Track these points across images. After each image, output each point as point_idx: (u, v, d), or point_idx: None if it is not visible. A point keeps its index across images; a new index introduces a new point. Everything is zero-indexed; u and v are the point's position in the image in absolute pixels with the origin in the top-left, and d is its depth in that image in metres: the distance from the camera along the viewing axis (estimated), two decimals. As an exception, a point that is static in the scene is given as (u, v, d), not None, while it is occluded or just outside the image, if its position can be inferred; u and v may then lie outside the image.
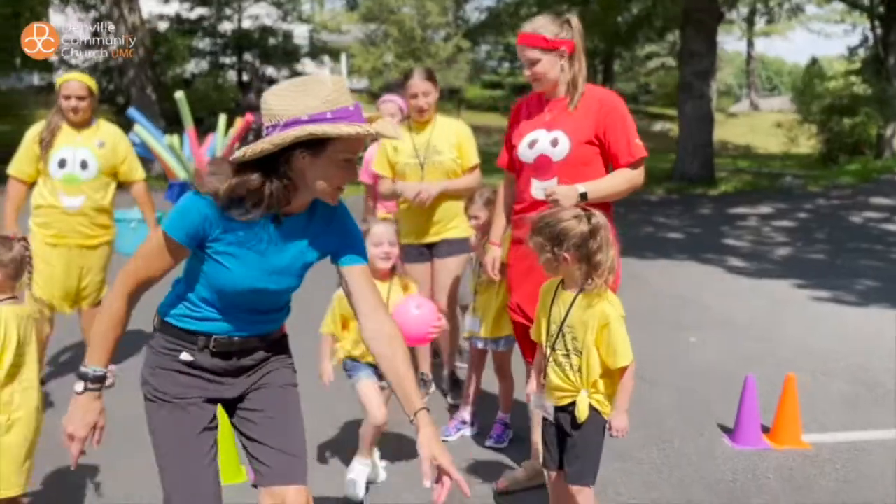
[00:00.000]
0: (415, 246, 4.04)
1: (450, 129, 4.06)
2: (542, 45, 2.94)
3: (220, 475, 2.06)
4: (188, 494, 1.98)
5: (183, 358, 2.02)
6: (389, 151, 4.05)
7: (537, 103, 3.10)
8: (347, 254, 2.06)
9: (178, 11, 27.59)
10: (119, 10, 16.92)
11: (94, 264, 4.34)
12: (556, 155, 2.95)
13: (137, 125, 8.63)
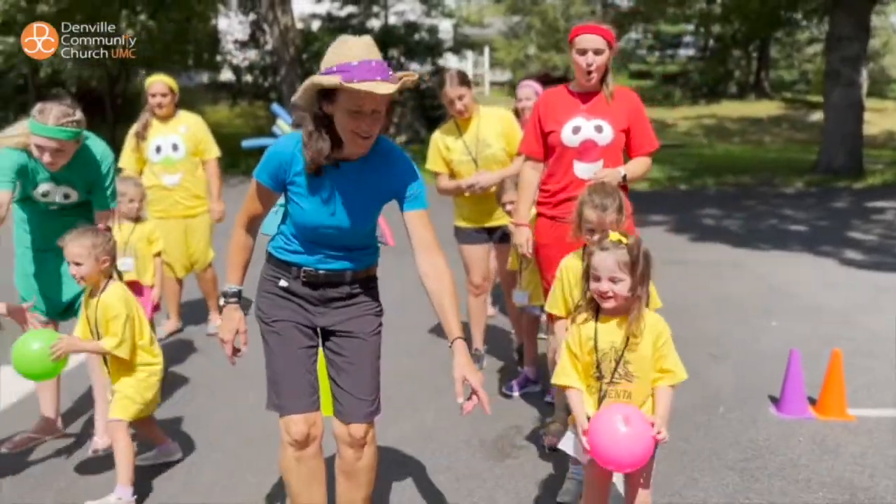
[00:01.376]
0: (474, 229, 4.51)
1: (495, 120, 4.45)
2: (609, 38, 3.36)
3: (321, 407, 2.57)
4: (280, 394, 2.48)
5: (281, 284, 2.48)
6: (442, 150, 4.48)
7: (566, 95, 3.49)
8: (405, 200, 2.40)
9: (329, 10, 29.29)
10: (273, 13, 18.41)
11: (196, 232, 5.25)
12: (601, 140, 3.38)
13: (279, 119, 9.64)
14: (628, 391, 2.38)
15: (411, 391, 4.37)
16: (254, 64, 24.40)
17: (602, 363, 2.37)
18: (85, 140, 3.44)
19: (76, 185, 3.48)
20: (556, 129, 3.44)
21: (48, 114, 3.19)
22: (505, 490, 3.20)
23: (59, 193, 3.49)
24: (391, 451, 3.58)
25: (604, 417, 2.29)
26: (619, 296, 2.34)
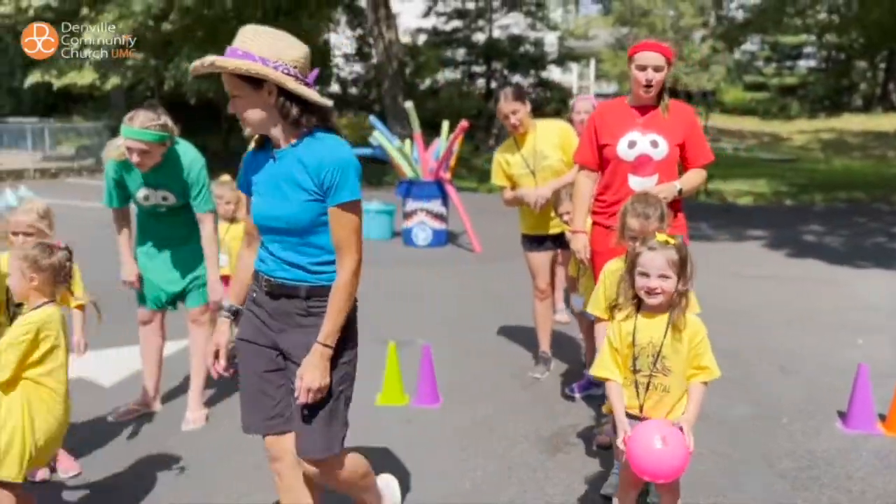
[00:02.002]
0: (537, 236, 4.68)
1: (551, 132, 4.61)
2: (669, 56, 3.48)
3: (381, 397, 2.67)
4: (243, 414, 2.53)
5: (252, 296, 2.46)
6: (503, 165, 4.68)
7: (622, 108, 3.59)
8: (325, 195, 2.28)
9: (435, 25, 29.97)
10: (378, 28, 19.09)
11: None
12: (656, 155, 3.48)
13: (376, 131, 10.10)
14: (665, 385, 2.50)
15: (478, 387, 4.57)
16: (359, 77, 25.28)
17: (639, 357, 2.51)
18: (175, 145, 3.82)
19: (171, 189, 3.87)
20: (611, 143, 3.54)
21: (136, 119, 3.62)
22: (554, 482, 3.35)
23: (158, 197, 3.89)
24: (453, 438, 3.81)
25: (643, 432, 2.40)
26: (667, 292, 2.48)
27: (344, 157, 2.30)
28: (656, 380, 2.51)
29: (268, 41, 2.24)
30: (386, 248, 9.63)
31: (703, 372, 2.51)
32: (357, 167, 2.34)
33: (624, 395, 2.56)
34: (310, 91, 2.27)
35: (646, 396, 2.53)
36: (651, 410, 2.53)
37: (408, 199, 9.74)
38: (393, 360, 4.30)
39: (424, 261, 8.84)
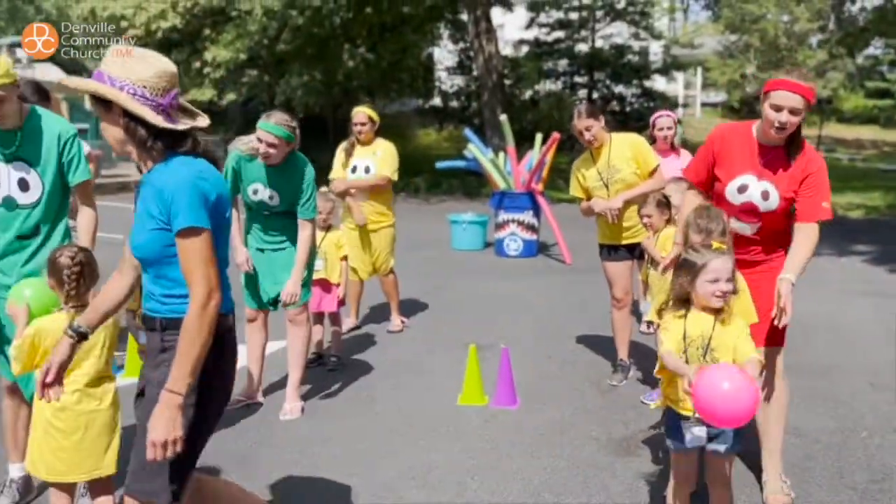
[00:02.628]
0: (613, 246, 4.83)
1: (624, 146, 4.76)
2: (810, 97, 3.00)
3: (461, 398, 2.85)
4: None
5: None
6: (580, 178, 4.88)
7: (746, 141, 3.23)
8: (171, 223, 2.12)
9: (537, 36, 30.13)
10: (479, 42, 19.47)
11: (380, 243, 5.92)
12: (763, 206, 3.18)
13: (470, 144, 10.42)
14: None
15: (555, 391, 4.76)
16: (460, 90, 25.76)
17: (689, 349, 2.68)
18: (297, 153, 4.32)
19: (282, 191, 4.29)
20: (722, 180, 3.27)
21: (273, 116, 4.21)
22: (619, 482, 3.52)
23: (266, 194, 4.33)
24: (526, 437, 4.02)
25: (709, 375, 2.46)
26: (729, 294, 2.67)
27: (180, 181, 2.11)
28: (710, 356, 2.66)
29: (120, 60, 2.14)
30: (477, 259, 9.91)
31: (748, 354, 2.65)
32: (197, 192, 2.12)
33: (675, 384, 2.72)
34: (148, 112, 2.11)
35: None
36: None
37: (500, 210, 9.99)
38: (473, 361, 4.56)
39: (514, 271, 9.05)
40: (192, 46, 21.25)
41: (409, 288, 7.58)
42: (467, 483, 3.52)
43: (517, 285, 8.17)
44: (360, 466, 3.70)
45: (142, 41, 20.84)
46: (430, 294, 7.58)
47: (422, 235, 12.05)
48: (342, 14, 20.03)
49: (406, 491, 3.45)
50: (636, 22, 30.19)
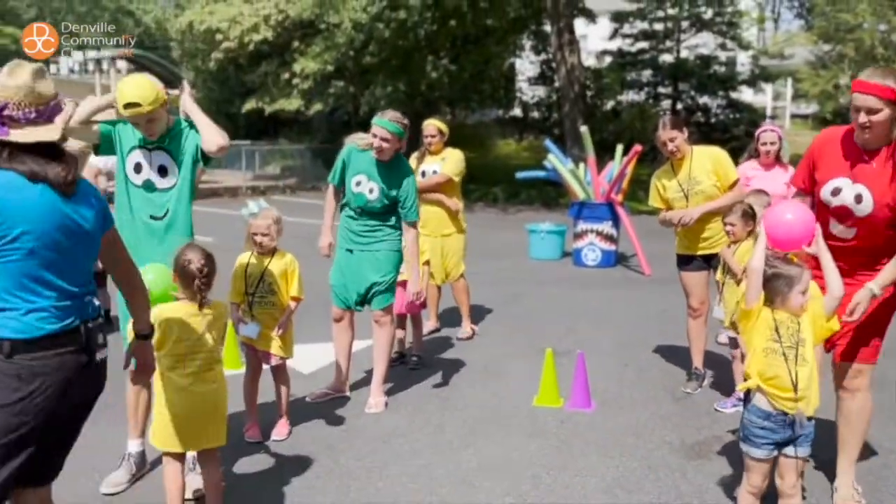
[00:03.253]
0: (691, 256, 4.93)
1: (705, 158, 4.86)
2: (888, 95, 2.99)
3: (537, 399, 3.06)
4: None
5: None
6: (660, 189, 5.00)
7: (844, 144, 3.24)
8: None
9: (620, 46, 29.96)
10: (561, 53, 19.55)
11: (450, 249, 6.15)
12: (857, 211, 3.18)
13: (550, 154, 10.56)
14: (802, 376, 2.83)
15: (630, 396, 4.87)
16: (541, 100, 25.88)
17: (780, 327, 2.86)
18: (403, 156, 4.66)
19: (384, 186, 4.57)
20: (819, 183, 3.31)
21: (386, 114, 4.60)
22: (689, 482, 3.62)
23: (367, 187, 4.61)
24: (599, 439, 4.16)
25: (774, 208, 3.09)
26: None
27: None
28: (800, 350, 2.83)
29: None
30: (555, 268, 10.04)
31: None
32: None
33: (764, 363, 2.87)
34: None
35: (796, 369, 2.81)
36: (802, 382, 2.82)
37: (578, 220, 10.08)
38: (550, 364, 4.72)
39: (592, 281, 9.14)
40: (282, 58, 22.10)
41: (486, 295, 7.80)
42: (542, 477, 3.69)
43: (595, 295, 8.26)
44: (438, 457, 3.92)
45: (235, 53, 21.84)
46: (507, 302, 7.76)
47: (500, 245, 12.25)
48: (426, 27, 20.47)
49: (483, 482, 3.64)
50: (723, 32, 29.67)
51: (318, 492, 3.56)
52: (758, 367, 2.87)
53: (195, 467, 3.41)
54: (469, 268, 6.56)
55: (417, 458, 3.91)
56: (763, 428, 2.86)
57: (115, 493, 3.51)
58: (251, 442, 4.08)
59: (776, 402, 2.84)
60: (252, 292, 4.07)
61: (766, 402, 2.85)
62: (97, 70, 24.65)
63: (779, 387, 2.83)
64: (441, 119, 6.42)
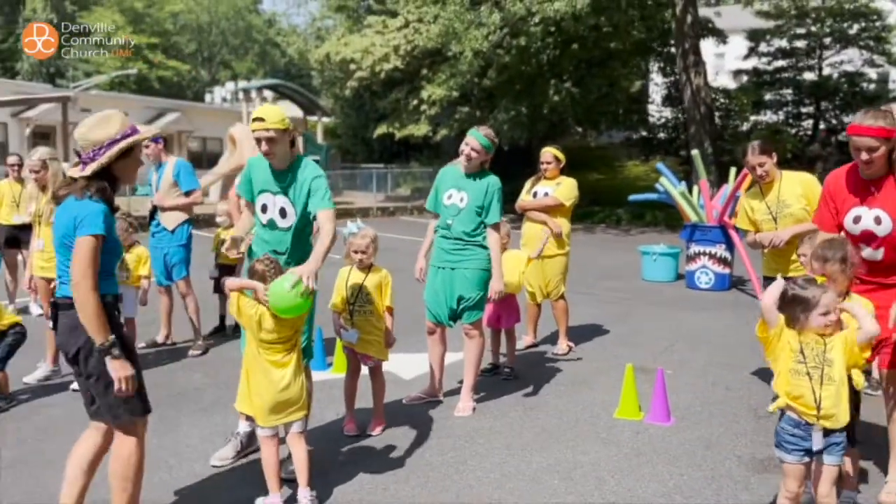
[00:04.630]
0: (774, 278, 4.93)
1: (796, 183, 4.90)
2: (882, 135, 3.42)
3: (618, 412, 3.40)
4: None
5: None
6: (748, 211, 5.09)
7: (851, 179, 3.68)
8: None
9: (756, 65, 29.02)
10: (687, 75, 19.34)
11: (551, 270, 6.42)
12: (879, 231, 3.57)
13: (662, 177, 10.61)
14: (828, 394, 2.98)
15: (712, 413, 4.98)
16: (668, 121, 25.54)
17: (811, 373, 3.00)
18: (488, 170, 5.10)
19: (472, 194, 4.98)
20: (840, 215, 3.71)
21: (481, 129, 5.06)
22: (751, 493, 3.75)
23: (458, 197, 5.04)
24: (671, 449, 4.34)
25: None
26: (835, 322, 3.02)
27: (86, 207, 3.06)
28: (825, 370, 2.98)
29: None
30: (666, 290, 10.05)
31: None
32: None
33: (792, 383, 3.04)
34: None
35: (821, 389, 2.97)
36: (826, 401, 2.97)
37: (691, 242, 10.07)
38: (630, 380, 4.93)
39: (702, 303, 9.11)
40: (412, 85, 23.13)
41: (592, 314, 8.02)
42: (606, 480, 3.93)
43: (701, 317, 8.27)
44: (513, 457, 4.24)
45: (368, 81, 23.07)
46: (610, 320, 7.94)
47: (615, 265, 12.37)
48: (549, 52, 20.82)
49: (550, 481, 3.93)
50: (871, 48, 28.15)
51: (401, 480, 3.97)
52: (785, 388, 3.05)
53: (285, 434, 3.85)
54: (580, 287, 6.84)
55: (494, 457, 4.25)
56: (793, 435, 3.02)
57: (220, 465, 4.08)
58: (348, 435, 4.56)
59: (803, 418, 3.00)
60: (352, 302, 4.57)
61: (796, 414, 3.01)
62: (246, 99, 26.56)
63: (804, 405, 2.99)
64: (557, 147, 6.71)
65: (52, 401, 5.26)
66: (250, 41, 58.00)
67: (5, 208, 7.91)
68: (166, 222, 6.55)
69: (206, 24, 55.71)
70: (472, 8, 19.12)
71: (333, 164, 28.59)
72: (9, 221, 7.85)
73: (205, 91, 47.78)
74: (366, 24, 24.25)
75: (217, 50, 57.08)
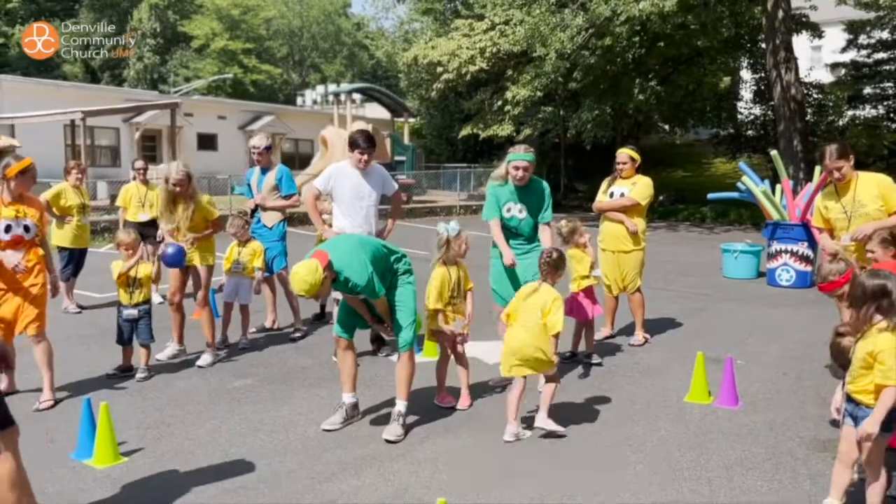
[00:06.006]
0: None
1: (871, 184, 5.14)
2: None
3: (688, 396, 3.89)
4: None
5: None
6: (822, 210, 5.38)
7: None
8: None
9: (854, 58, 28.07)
10: (777, 71, 19.06)
11: (628, 265, 6.77)
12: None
13: (745, 176, 10.73)
14: (853, 374, 3.36)
15: (783, 398, 5.27)
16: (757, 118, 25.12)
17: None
18: (538, 178, 5.63)
19: (528, 204, 5.58)
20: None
21: (518, 149, 5.60)
22: (808, 468, 4.08)
23: (517, 209, 5.59)
24: (736, 429, 4.68)
25: None
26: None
27: None
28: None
29: None
30: (747, 287, 10.19)
31: (880, 376, 3.25)
32: None
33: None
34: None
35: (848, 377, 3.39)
36: (849, 385, 3.40)
37: (772, 240, 10.17)
38: (700, 366, 5.28)
39: (781, 300, 9.24)
40: (496, 85, 23.58)
41: (671, 309, 8.32)
42: (673, 453, 4.32)
43: (779, 312, 8.43)
44: (585, 434, 4.68)
45: (453, 82, 23.66)
46: (688, 315, 8.21)
47: (696, 263, 12.52)
48: (635, 50, 20.88)
49: (622, 453, 4.35)
50: None
51: (483, 445, 4.47)
52: None
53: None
54: (659, 283, 7.18)
55: (570, 431, 4.69)
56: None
57: (331, 429, 4.70)
58: (442, 406, 5.11)
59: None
60: (454, 296, 5.10)
61: None
62: (336, 102, 27.59)
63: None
64: (633, 148, 7.06)
65: (180, 375, 6.00)
66: (339, 44, 59.67)
67: (133, 208, 8.83)
68: (266, 220, 7.28)
69: (298, 28, 57.69)
70: (557, 10, 19.42)
71: (419, 164, 29.35)
72: (135, 219, 8.75)
73: (296, 94, 49.57)
74: (453, 27, 24.82)
75: (308, 53, 59.01)
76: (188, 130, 27.91)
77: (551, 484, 3.94)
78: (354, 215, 6.03)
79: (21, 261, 5.05)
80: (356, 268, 4.43)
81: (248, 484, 3.97)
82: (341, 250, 4.52)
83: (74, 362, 6.20)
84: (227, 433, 4.70)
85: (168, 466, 4.20)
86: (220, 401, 5.33)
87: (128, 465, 4.21)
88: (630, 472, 4.08)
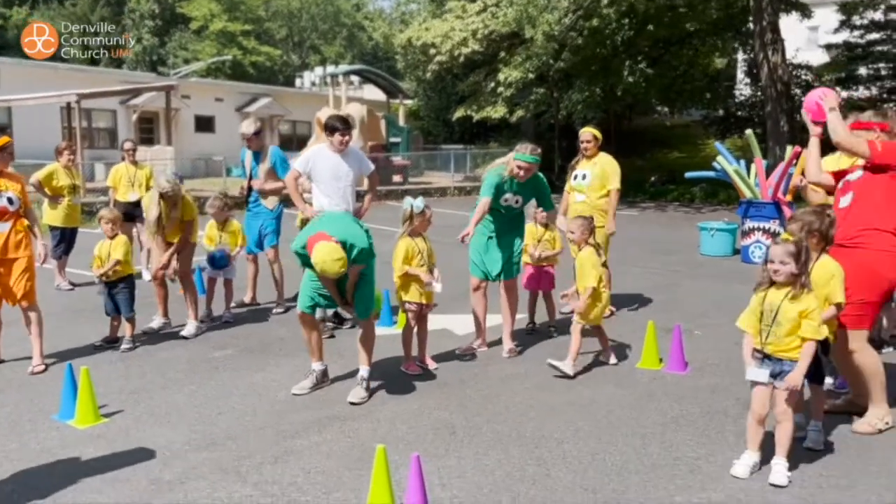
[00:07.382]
0: None
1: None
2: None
3: (640, 363, 4.19)
4: None
5: None
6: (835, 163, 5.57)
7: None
8: None
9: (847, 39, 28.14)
10: (764, 52, 19.25)
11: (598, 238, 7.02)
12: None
13: (720, 156, 11.00)
14: (778, 334, 3.68)
15: (731, 366, 5.57)
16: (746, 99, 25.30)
17: (764, 313, 3.75)
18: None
19: (525, 195, 5.93)
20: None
21: (525, 149, 5.82)
22: (736, 424, 4.39)
23: (513, 200, 5.90)
24: (678, 391, 5.00)
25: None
26: (783, 273, 3.68)
27: None
28: (772, 329, 3.72)
29: None
30: (721, 264, 10.49)
31: (808, 331, 3.63)
32: None
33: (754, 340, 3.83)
34: None
35: (766, 340, 3.72)
36: (770, 346, 3.71)
37: (746, 218, 10.46)
38: (651, 335, 5.61)
39: (753, 275, 9.40)
40: (490, 67, 23.77)
41: (640, 285, 8.63)
42: (615, 411, 4.65)
43: (745, 288, 8.64)
44: (540, 395, 5.01)
45: (447, 64, 23.84)
46: (658, 289, 8.52)
47: (677, 241, 12.82)
48: (624, 33, 21.06)
49: (567, 411, 4.68)
50: None
51: (443, 406, 4.80)
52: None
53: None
54: (638, 261, 7.47)
55: (524, 394, 5.02)
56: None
57: (300, 393, 5.03)
58: (408, 373, 5.45)
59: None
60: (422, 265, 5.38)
61: None
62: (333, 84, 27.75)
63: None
64: (595, 127, 7.35)
65: (163, 346, 6.33)
66: (339, 25, 59.59)
67: (122, 188, 9.12)
68: (268, 203, 7.56)
69: (297, 9, 57.60)
70: (546, -8, 19.58)
71: (415, 146, 29.55)
72: (125, 199, 9.05)
73: (295, 75, 49.65)
74: (447, 9, 24.96)
75: (307, 35, 58.98)
76: (185, 112, 28.12)
77: (493, 438, 4.27)
78: (333, 194, 6.31)
79: (9, 231, 5.44)
80: (357, 233, 4.91)
81: (217, 440, 4.31)
82: (337, 224, 4.95)
83: (65, 335, 6.53)
84: (203, 397, 5.03)
85: (144, 426, 4.54)
86: (199, 369, 5.66)
87: (107, 426, 4.54)
88: (571, 429, 4.41)
